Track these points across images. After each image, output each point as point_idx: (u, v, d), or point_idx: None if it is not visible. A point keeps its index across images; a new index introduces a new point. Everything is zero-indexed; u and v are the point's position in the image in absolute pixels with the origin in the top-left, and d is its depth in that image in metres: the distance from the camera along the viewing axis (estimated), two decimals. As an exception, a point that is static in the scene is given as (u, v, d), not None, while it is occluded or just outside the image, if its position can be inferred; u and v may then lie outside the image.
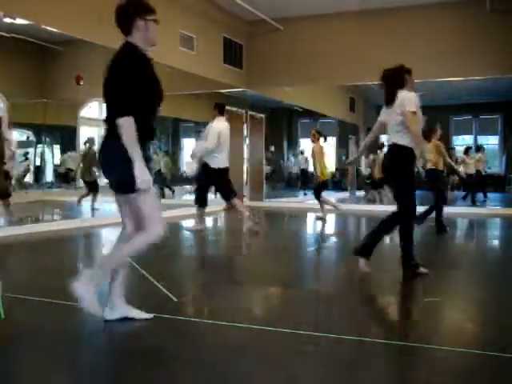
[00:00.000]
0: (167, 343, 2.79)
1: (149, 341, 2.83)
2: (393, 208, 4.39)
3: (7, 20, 7.49)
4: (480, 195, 13.11)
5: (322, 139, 8.90)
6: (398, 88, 4.45)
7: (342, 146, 17.84)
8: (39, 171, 12.88)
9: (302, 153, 17.25)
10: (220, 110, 7.22)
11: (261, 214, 10.11)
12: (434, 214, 7.04)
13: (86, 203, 9.88)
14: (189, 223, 7.84)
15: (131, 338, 2.94)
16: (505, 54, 9.39)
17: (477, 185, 12.80)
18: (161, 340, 2.85)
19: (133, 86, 2.80)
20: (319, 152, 8.82)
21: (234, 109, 11.75)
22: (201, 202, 7.10)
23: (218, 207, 10.97)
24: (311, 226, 9.53)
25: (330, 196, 15.51)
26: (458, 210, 10.95)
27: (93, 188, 9.75)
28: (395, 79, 4.56)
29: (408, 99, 4.27)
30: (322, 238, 7.45)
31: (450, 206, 9.16)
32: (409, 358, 2.62)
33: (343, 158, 17.75)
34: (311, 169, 13.67)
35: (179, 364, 2.50)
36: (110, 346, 2.81)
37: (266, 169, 13.71)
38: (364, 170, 14.45)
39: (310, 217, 10.60)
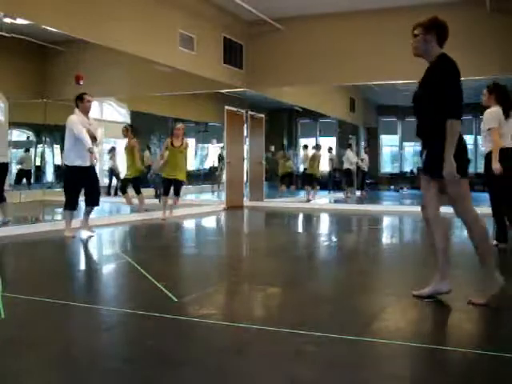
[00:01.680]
0: (167, 343, 2.79)
1: (149, 341, 2.83)
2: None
3: (7, 20, 7.50)
4: None
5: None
6: None
7: (342, 146, 17.86)
8: (39, 171, 12.89)
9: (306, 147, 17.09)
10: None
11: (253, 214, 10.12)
12: None
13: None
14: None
15: (131, 338, 2.94)
16: (505, 54, 9.39)
17: None
18: (161, 340, 2.85)
19: None
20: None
21: (234, 109, 11.76)
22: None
23: (217, 207, 10.98)
24: (305, 225, 9.53)
25: (330, 196, 15.55)
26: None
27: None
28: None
29: None
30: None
31: None
32: (409, 357, 2.62)
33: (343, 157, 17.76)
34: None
35: (179, 364, 2.50)
36: (110, 346, 2.81)
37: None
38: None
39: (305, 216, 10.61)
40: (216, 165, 16.99)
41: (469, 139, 19.32)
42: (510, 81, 12.92)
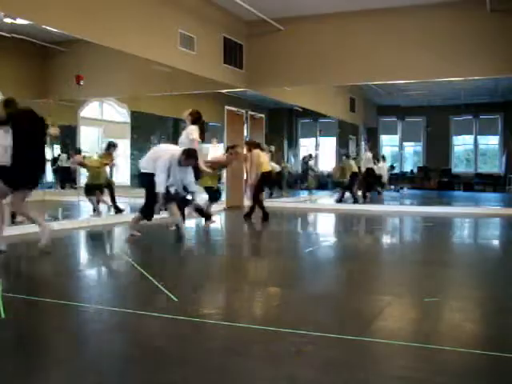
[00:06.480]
0: (167, 343, 2.79)
1: (149, 341, 2.83)
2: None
3: (7, 20, 7.49)
4: None
5: None
6: None
7: (342, 145, 17.86)
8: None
9: (310, 157, 16.99)
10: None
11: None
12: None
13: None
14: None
15: (131, 337, 2.94)
16: (505, 54, 9.38)
17: None
18: (161, 340, 2.85)
19: None
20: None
21: (234, 109, 11.75)
22: None
23: (217, 207, 10.97)
24: (305, 225, 9.52)
25: (331, 196, 15.51)
26: (457, 210, 10.96)
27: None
28: None
29: None
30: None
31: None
32: (408, 358, 2.62)
33: (343, 158, 17.75)
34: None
35: (179, 364, 2.50)
36: (109, 346, 2.81)
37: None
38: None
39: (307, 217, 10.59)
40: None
41: (468, 139, 19.30)
42: (510, 81, 12.95)
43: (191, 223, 8.39)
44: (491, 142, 19.30)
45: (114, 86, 11.56)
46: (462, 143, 19.68)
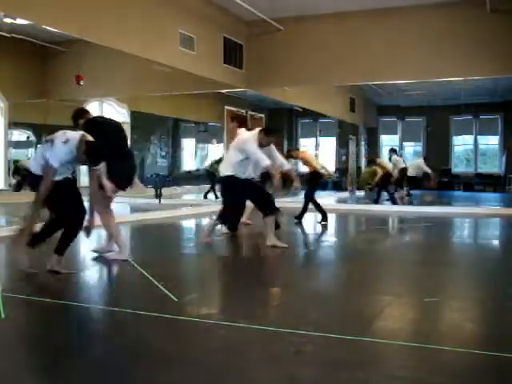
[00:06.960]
0: (167, 343, 2.79)
1: (149, 341, 2.83)
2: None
3: (7, 20, 7.50)
4: None
5: None
6: None
7: (342, 145, 17.88)
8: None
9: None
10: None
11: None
12: None
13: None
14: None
15: (131, 338, 2.94)
16: (505, 54, 9.38)
17: None
18: (161, 340, 2.85)
19: None
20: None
21: (234, 109, 11.76)
22: None
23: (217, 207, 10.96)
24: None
25: (330, 196, 15.52)
26: (457, 210, 10.96)
27: None
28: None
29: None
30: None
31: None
32: (408, 358, 2.62)
33: (343, 157, 17.76)
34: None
35: (179, 364, 2.50)
36: (110, 346, 2.81)
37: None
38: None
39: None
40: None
41: (468, 139, 19.31)
42: (510, 81, 12.94)
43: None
44: (491, 142, 19.30)
45: (114, 86, 11.57)
46: (461, 143, 19.69)
